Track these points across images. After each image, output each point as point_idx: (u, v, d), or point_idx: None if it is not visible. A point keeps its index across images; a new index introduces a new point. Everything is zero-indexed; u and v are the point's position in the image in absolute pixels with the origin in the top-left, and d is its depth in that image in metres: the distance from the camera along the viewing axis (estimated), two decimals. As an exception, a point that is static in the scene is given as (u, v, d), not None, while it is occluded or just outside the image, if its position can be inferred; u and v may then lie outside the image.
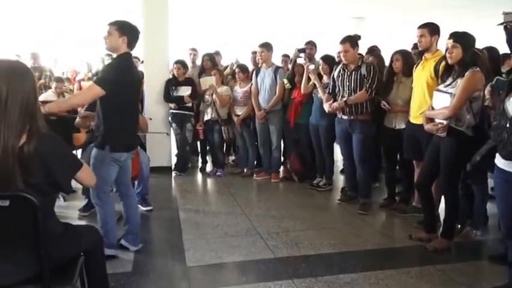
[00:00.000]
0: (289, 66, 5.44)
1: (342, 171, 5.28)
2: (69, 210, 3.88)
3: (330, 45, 5.72)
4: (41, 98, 4.84)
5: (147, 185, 4.08)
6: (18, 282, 1.61)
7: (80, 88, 6.66)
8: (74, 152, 3.60)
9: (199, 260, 3.00)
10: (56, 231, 1.76)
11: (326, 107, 4.19)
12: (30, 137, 1.58)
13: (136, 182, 3.94)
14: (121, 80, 2.72)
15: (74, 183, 1.81)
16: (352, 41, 3.99)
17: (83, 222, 3.49)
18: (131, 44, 2.81)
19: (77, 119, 4.08)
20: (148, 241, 3.39)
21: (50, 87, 5.76)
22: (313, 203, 4.37)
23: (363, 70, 3.96)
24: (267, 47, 5.00)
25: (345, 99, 3.99)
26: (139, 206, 4.04)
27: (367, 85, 3.93)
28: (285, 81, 4.91)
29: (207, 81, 5.16)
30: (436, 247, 3.13)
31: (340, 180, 5.16)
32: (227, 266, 2.98)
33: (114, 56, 2.85)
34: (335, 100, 4.13)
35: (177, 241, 3.33)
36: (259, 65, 5.14)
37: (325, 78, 4.54)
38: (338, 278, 2.73)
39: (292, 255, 3.08)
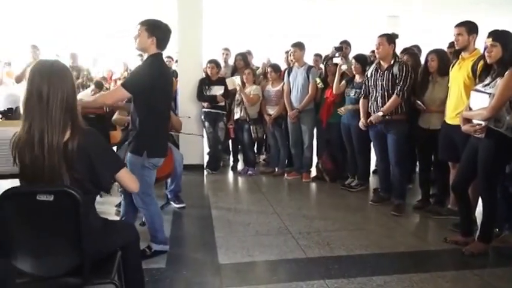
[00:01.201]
0: (321, 65, 5.42)
1: (374, 172, 5.20)
2: (106, 205, 4.00)
3: (363, 45, 5.65)
4: (78, 96, 5.02)
5: (180, 182, 4.16)
6: (60, 274, 1.68)
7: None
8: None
9: (231, 258, 3.03)
10: (96, 226, 1.83)
11: (362, 121, 4.16)
12: (73, 133, 1.66)
13: (169, 180, 4.03)
14: (151, 84, 2.65)
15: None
16: (389, 36, 3.94)
17: (118, 218, 3.61)
18: (161, 44, 2.75)
19: (114, 117, 4.22)
20: (181, 238, 3.47)
21: (88, 87, 5.97)
22: (345, 204, 4.33)
23: (395, 69, 3.89)
24: (299, 46, 4.99)
25: (381, 114, 3.90)
26: (172, 203, 4.15)
27: (398, 88, 3.84)
28: (318, 80, 4.89)
29: (233, 81, 5.21)
30: (473, 251, 3.04)
31: (372, 181, 5.08)
32: (259, 265, 3.00)
33: (145, 56, 2.83)
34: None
35: (209, 238, 3.39)
36: (292, 64, 5.14)
37: (357, 78, 4.49)
38: (371, 280, 2.70)
39: (324, 256, 3.07)
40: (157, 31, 2.72)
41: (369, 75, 4.11)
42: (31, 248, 1.62)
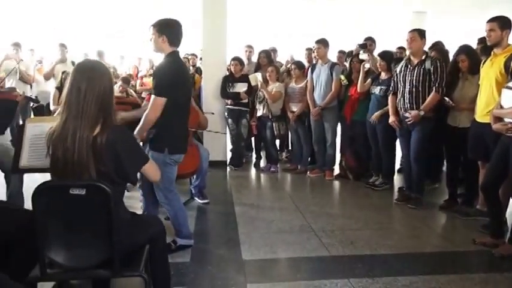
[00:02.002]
0: (345, 63, 5.36)
1: (399, 171, 5.11)
2: (132, 200, 4.07)
3: (388, 41, 5.56)
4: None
5: (204, 178, 4.19)
6: (91, 266, 1.74)
7: (142, 85, 6.97)
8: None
9: (255, 254, 3.05)
10: (125, 219, 1.87)
11: (391, 118, 4.09)
12: (103, 129, 1.73)
13: (194, 176, 4.07)
14: (172, 82, 2.70)
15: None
16: (421, 31, 3.88)
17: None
18: (172, 41, 2.76)
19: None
20: (205, 233, 3.50)
21: (115, 83, 6.08)
22: (369, 202, 4.28)
23: (427, 65, 3.80)
24: (323, 43, 4.95)
25: (422, 113, 3.80)
26: (196, 198, 4.20)
27: (436, 84, 3.75)
28: (342, 77, 4.84)
29: (255, 77, 5.22)
30: (503, 253, 2.95)
31: (397, 179, 4.99)
32: (282, 262, 3.01)
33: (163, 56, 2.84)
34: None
35: (232, 234, 3.41)
36: (315, 62, 5.11)
37: (382, 75, 4.42)
38: (396, 280, 2.66)
39: (348, 254, 3.05)
40: (166, 29, 2.75)
41: (397, 71, 4.04)
42: (64, 240, 1.67)
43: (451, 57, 4.16)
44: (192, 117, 4.06)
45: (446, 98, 3.72)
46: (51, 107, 5.16)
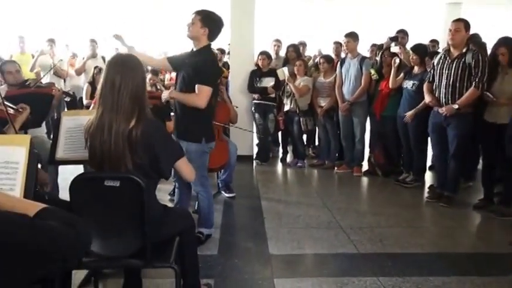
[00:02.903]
0: (376, 57, 5.24)
1: (430, 168, 4.97)
2: (160, 193, 4.10)
3: (422, 34, 5.40)
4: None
5: (232, 173, 4.20)
6: (124, 256, 1.78)
7: (171, 79, 7.04)
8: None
9: (282, 249, 3.03)
10: (157, 211, 1.90)
11: (427, 98, 3.94)
12: (138, 122, 1.75)
13: (222, 170, 4.09)
14: (215, 73, 2.82)
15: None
16: (466, 22, 3.70)
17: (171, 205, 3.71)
18: (212, 36, 2.81)
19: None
20: (232, 227, 3.52)
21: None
22: (399, 200, 4.18)
23: (468, 58, 3.62)
24: (352, 36, 4.85)
25: (456, 107, 3.66)
26: (223, 192, 4.21)
27: (477, 79, 3.57)
28: (372, 71, 4.73)
29: (283, 72, 5.17)
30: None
31: (428, 177, 4.86)
32: (309, 257, 2.98)
33: (194, 47, 2.87)
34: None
35: (259, 229, 3.40)
36: (345, 55, 5.02)
37: (415, 69, 4.30)
38: (428, 280, 2.59)
39: (377, 252, 2.99)
40: (211, 23, 2.77)
41: (435, 63, 3.90)
42: (99, 230, 1.70)
43: (488, 51, 3.99)
44: (223, 112, 4.08)
45: (487, 93, 3.56)
46: (84, 102, 5.29)
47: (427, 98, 3.93)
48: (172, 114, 3.37)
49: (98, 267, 2.17)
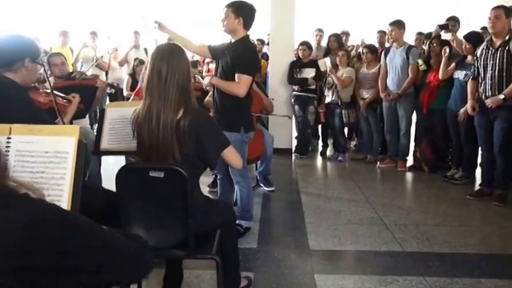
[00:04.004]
0: (424, 46, 5.00)
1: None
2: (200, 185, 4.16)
3: (473, 22, 5.08)
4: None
5: (269, 165, 4.15)
6: (167, 246, 1.78)
7: (209, 71, 7.07)
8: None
9: (322, 245, 2.96)
10: (200, 203, 1.89)
11: (469, 103, 3.77)
12: (185, 112, 1.74)
13: (259, 162, 4.05)
14: (256, 62, 2.85)
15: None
16: (507, 9, 3.48)
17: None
18: (247, 25, 2.81)
19: (207, 98, 4.33)
20: (271, 220, 3.48)
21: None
22: (447, 197, 3.98)
23: None
24: (397, 24, 4.64)
25: (502, 97, 3.45)
26: (262, 185, 4.18)
27: None
28: (420, 61, 4.51)
29: (325, 63, 5.05)
30: None
31: (479, 173, 4.59)
32: (351, 254, 2.89)
33: (232, 39, 2.87)
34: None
35: (299, 223, 3.34)
36: (390, 45, 4.82)
37: (469, 59, 4.05)
38: (479, 282, 2.43)
39: (423, 251, 2.85)
40: (243, 12, 2.77)
41: (478, 55, 3.68)
42: (143, 220, 1.72)
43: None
44: (255, 102, 4.04)
45: None
46: (124, 93, 5.40)
47: (469, 103, 3.77)
48: None
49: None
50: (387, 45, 5.04)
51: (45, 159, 1.19)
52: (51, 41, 6.81)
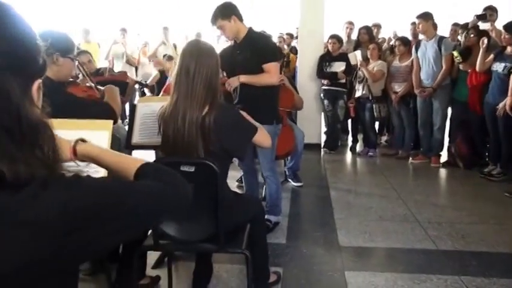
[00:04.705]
0: (459, 37, 4.81)
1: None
2: (228, 180, 4.17)
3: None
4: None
5: (299, 161, 4.12)
6: (198, 240, 1.79)
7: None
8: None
9: (352, 241, 2.91)
10: (229, 197, 1.89)
11: (509, 102, 3.60)
12: (211, 109, 1.74)
13: (289, 157, 4.02)
14: (273, 48, 2.88)
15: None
16: None
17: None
18: (240, 17, 2.74)
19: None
20: (300, 216, 3.44)
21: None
22: (484, 194, 3.83)
23: None
24: (424, 17, 4.49)
25: None
26: (290, 180, 4.14)
27: None
28: (455, 53, 4.34)
29: (355, 56, 4.95)
30: None
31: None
32: (382, 251, 2.83)
33: (238, 40, 2.79)
34: None
35: (328, 219, 3.30)
36: (422, 38, 4.68)
37: (508, 50, 3.86)
38: (519, 283, 2.33)
39: (459, 250, 2.76)
40: (229, 11, 2.70)
41: None
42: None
43: None
44: (286, 98, 4.00)
45: None
46: (147, 82, 5.47)
47: (508, 100, 3.63)
48: None
49: (172, 250, 2.23)
50: (421, 37, 4.89)
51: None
52: (76, 38, 6.97)
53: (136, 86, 5.41)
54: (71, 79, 2.35)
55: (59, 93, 1.84)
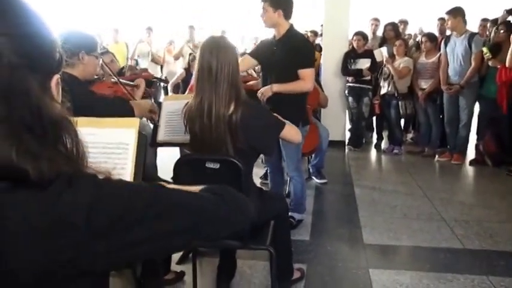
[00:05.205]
0: (488, 32, 4.68)
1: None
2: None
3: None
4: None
5: (323, 158, 4.11)
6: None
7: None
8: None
9: (377, 239, 2.90)
10: (254, 194, 1.91)
11: None
12: (237, 106, 1.75)
13: (313, 155, 4.02)
14: (311, 54, 2.81)
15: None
16: None
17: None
18: (287, 14, 2.70)
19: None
20: (324, 213, 3.45)
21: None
22: (513, 193, 3.74)
23: None
24: (453, 13, 4.37)
25: None
26: (314, 178, 4.15)
27: None
28: (485, 50, 4.23)
29: (381, 52, 4.89)
30: None
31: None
32: (407, 250, 2.81)
33: (277, 35, 2.76)
34: None
35: (352, 216, 3.29)
36: (450, 33, 4.57)
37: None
38: (550, 284, 2.27)
39: (486, 249, 2.71)
40: (281, 2, 2.67)
41: None
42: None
43: None
44: (312, 96, 3.98)
45: None
46: (172, 80, 5.55)
47: None
48: None
49: (197, 246, 2.26)
50: (448, 33, 4.78)
51: (107, 150, 1.24)
52: (105, 38, 7.14)
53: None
54: (96, 76, 2.41)
55: (85, 93, 1.88)
